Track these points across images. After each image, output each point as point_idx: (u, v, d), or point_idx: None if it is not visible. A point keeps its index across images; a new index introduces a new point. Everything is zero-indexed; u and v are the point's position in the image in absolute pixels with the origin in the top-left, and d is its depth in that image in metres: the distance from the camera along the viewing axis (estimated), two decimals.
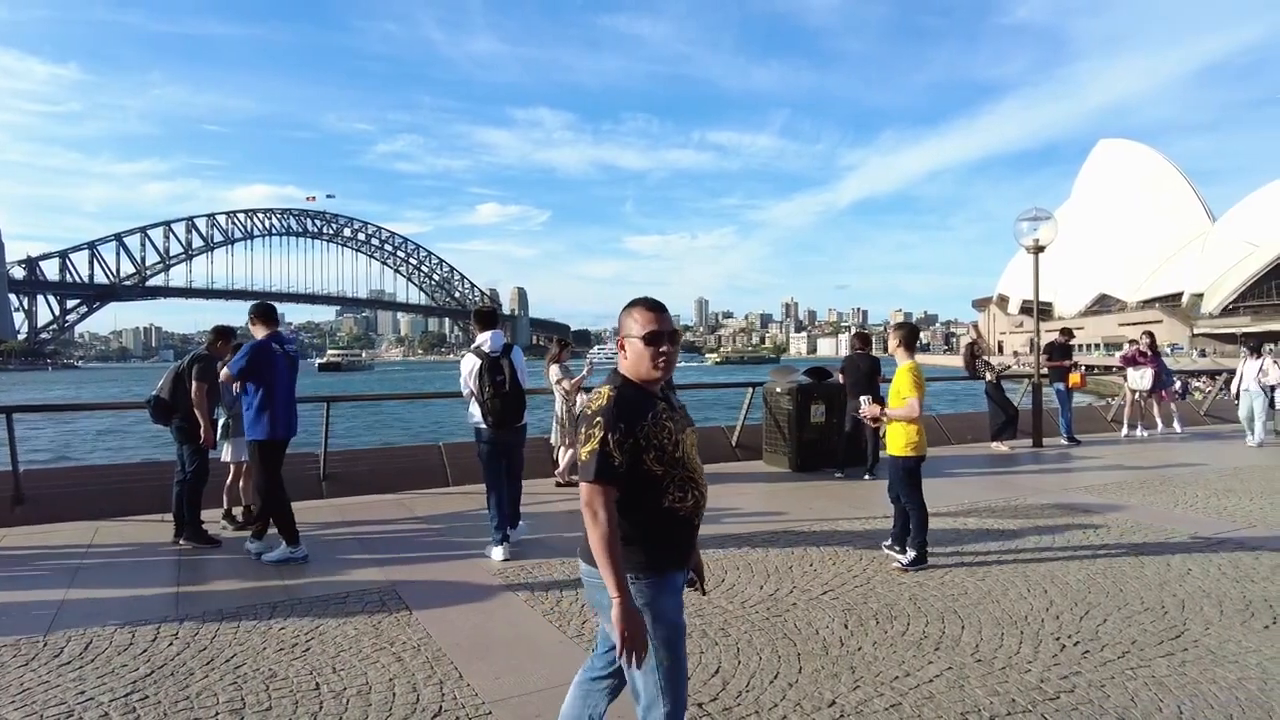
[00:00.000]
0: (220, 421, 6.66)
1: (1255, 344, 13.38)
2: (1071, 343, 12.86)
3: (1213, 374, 23.55)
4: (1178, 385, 15.05)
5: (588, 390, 8.84)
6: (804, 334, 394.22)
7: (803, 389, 9.55)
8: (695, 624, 4.26)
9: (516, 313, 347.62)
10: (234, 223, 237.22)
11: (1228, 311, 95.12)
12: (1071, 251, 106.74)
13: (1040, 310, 12.98)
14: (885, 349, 6.34)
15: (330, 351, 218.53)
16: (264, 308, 5.97)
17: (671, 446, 2.19)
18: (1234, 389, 13.12)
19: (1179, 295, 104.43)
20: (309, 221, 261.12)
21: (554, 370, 8.64)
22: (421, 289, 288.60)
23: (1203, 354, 73.48)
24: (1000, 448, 11.25)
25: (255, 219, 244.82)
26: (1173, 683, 3.48)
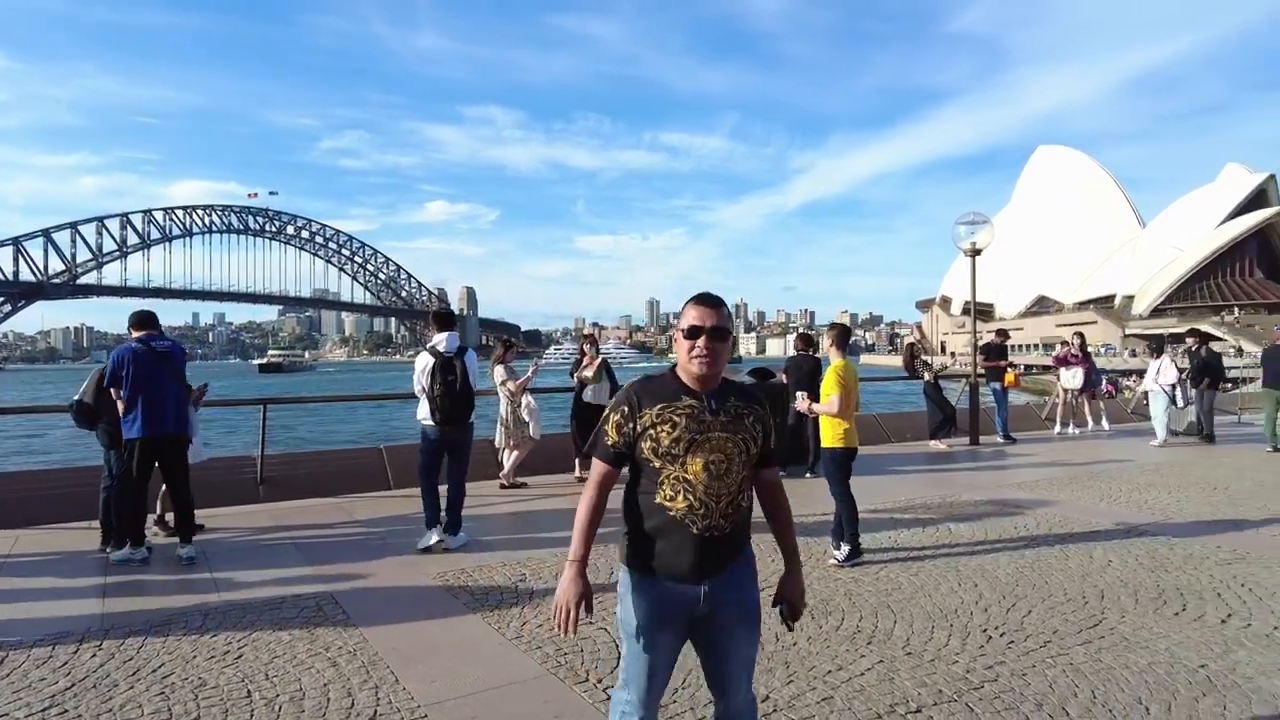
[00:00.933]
0: None
1: (1157, 345, 13.49)
2: (1008, 343, 13.26)
3: (1141, 373, 24.53)
4: (1105, 385, 15.53)
5: (533, 392, 8.83)
6: (753, 334, 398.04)
7: (742, 389, 9.66)
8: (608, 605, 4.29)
9: (465, 312, 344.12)
10: (172, 219, 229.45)
11: (1157, 313, 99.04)
12: (1012, 254, 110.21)
13: (981, 311, 13.40)
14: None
15: (271, 352, 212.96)
16: (136, 316, 6.02)
17: (669, 442, 2.13)
18: (1140, 390, 13.44)
19: (1112, 297, 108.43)
20: (251, 219, 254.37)
21: (498, 371, 8.59)
22: (367, 288, 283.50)
23: (1133, 354, 76.31)
24: (938, 446, 11.55)
25: (195, 215, 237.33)
26: (1088, 669, 3.63)
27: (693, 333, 2.18)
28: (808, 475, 9.04)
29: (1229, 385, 20.86)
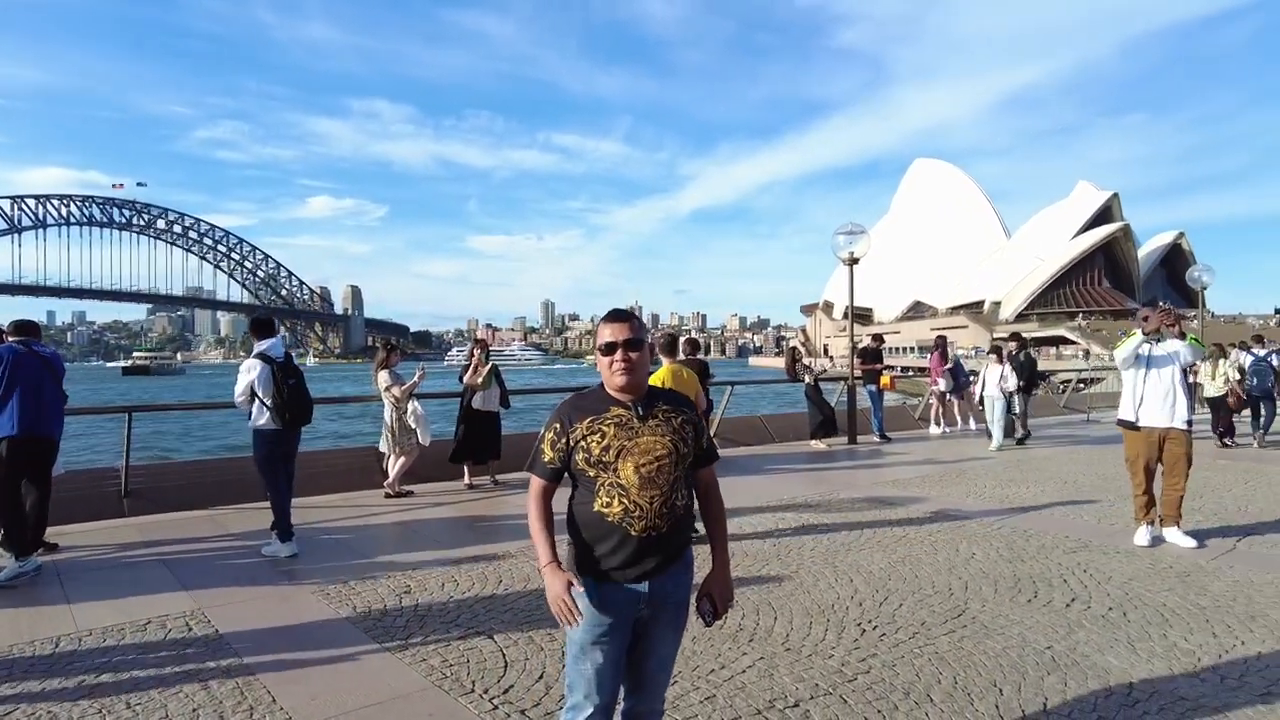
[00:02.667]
0: None
1: (995, 350, 12.82)
2: (883, 347, 13.92)
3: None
4: (973, 385, 16.48)
5: (420, 398, 8.63)
6: (648, 338, 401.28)
7: None
8: (521, 628, 4.28)
9: (350, 312, 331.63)
10: (22, 208, 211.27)
11: (1021, 317, 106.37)
12: (890, 261, 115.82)
13: (861, 316, 14.08)
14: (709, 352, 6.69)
15: (137, 353, 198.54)
16: (15, 324, 5.96)
17: (599, 450, 2.25)
18: (977, 394, 12.93)
19: (981, 303, 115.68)
20: (116, 211, 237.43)
21: (382, 376, 8.36)
22: (245, 286, 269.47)
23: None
24: (818, 445, 12.02)
25: (49, 205, 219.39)
26: (951, 657, 3.88)
27: (609, 349, 2.32)
28: None
29: (1082, 386, 22.63)
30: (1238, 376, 12.76)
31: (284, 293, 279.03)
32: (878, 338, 14.05)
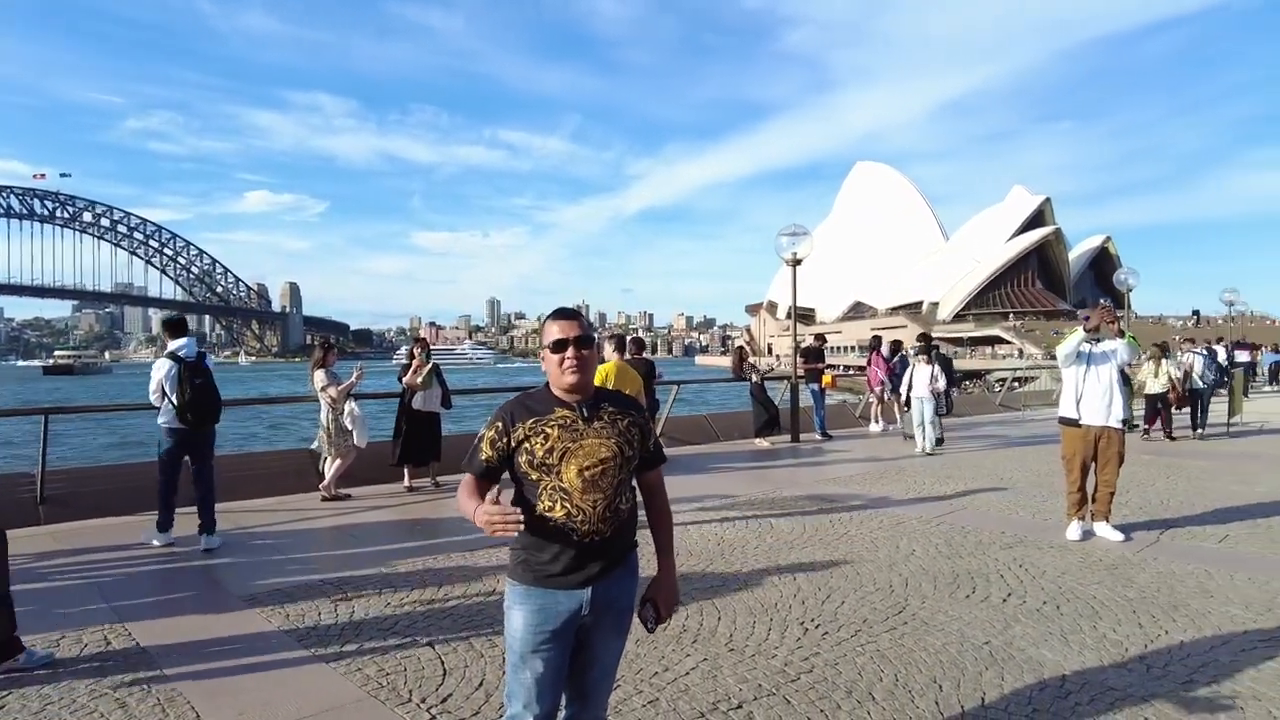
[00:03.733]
0: None
1: (925, 348, 12.06)
2: (825, 347, 14.11)
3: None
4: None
5: (358, 398, 8.40)
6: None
7: None
8: (461, 635, 4.18)
9: (289, 310, 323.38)
10: None
11: (958, 318, 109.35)
12: (832, 262, 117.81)
13: (803, 315, 14.23)
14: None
15: (58, 352, 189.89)
16: None
17: (542, 453, 2.18)
18: (904, 396, 12.09)
19: (920, 303, 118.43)
20: (37, 202, 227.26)
21: (319, 376, 8.11)
22: (178, 282, 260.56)
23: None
24: (762, 443, 12.12)
25: None
26: (892, 654, 3.91)
27: (558, 346, 2.24)
28: None
29: (1017, 384, 23.32)
30: (1180, 374, 13.32)
31: (219, 289, 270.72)
32: (820, 337, 14.28)
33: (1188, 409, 13.63)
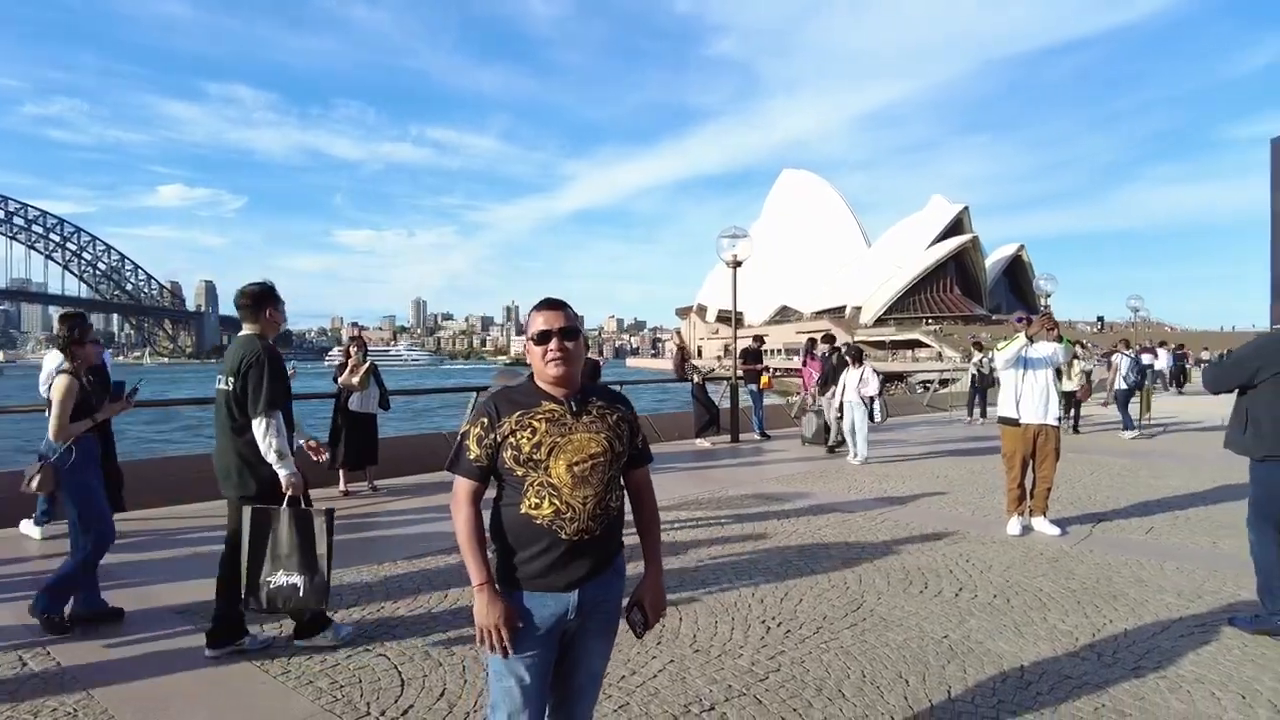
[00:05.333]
0: None
1: (855, 352, 11.49)
2: (763, 348, 14.27)
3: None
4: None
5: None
6: (524, 337, 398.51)
7: None
8: (416, 643, 4.02)
9: (204, 309, 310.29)
10: None
11: (880, 322, 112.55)
12: (760, 267, 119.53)
13: (735, 318, 14.26)
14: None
15: None
16: None
17: (530, 448, 2.08)
18: (836, 401, 11.40)
19: (844, 308, 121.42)
20: None
21: None
22: (83, 279, 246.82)
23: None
24: (703, 444, 12.17)
25: None
26: (856, 650, 3.93)
27: (543, 337, 2.17)
28: None
29: (940, 386, 24.10)
30: (1089, 370, 14.22)
31: (129, 287, 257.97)
32: (758, 339, 14.40)
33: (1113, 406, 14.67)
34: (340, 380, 8.44)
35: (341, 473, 8.35)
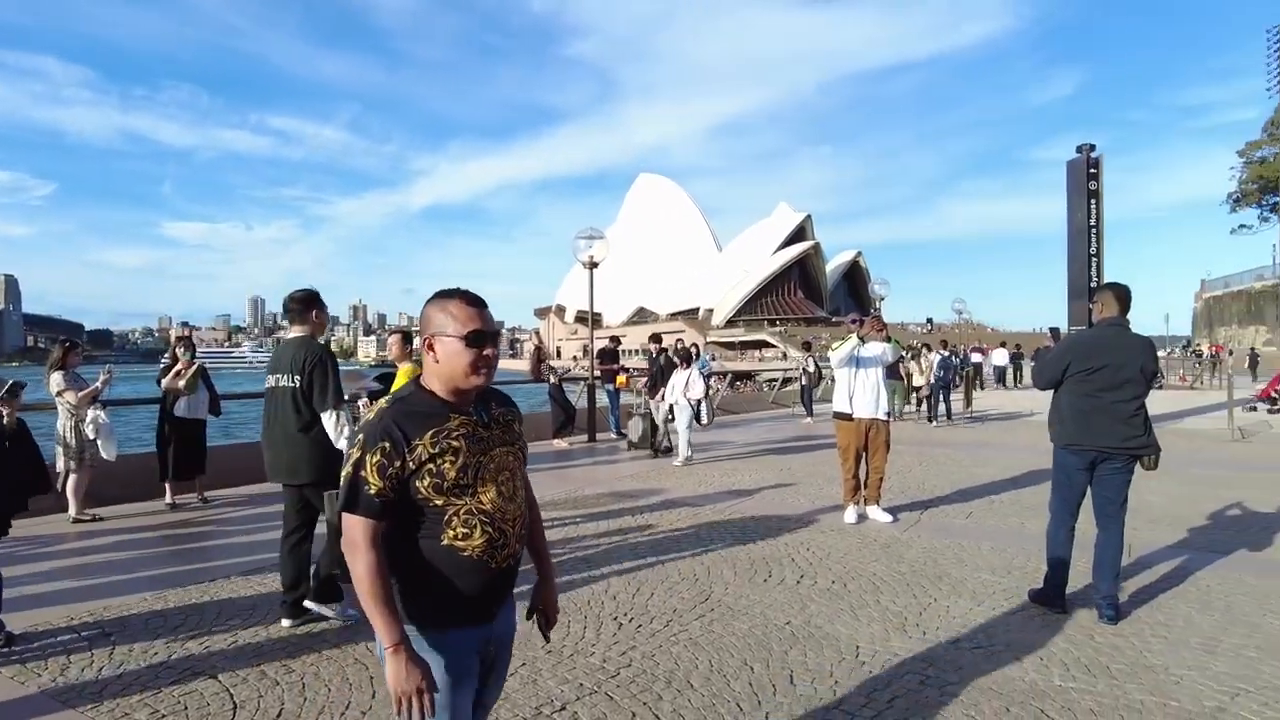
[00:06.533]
0: None
1: (685, 354, 11.19)
2: (620, 349, 14.42)
3: (720, 374, 28.44)
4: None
5: (105, 405, 7.35)
6: (373, 338, 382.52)
7: (374, 395, 9.14)
8: (250, 664, 3.75)
9: (5, 307, 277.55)
10: None
11: (730, 323, 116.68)
12: (617, 269, 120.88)
13: (592, 319, 14.33)
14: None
15: None
16: None
17: (455, 473, 1.79)
18: (665, 403, 11.04)
19: (697, 309, 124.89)
20: None
21: (55, 379, 6.99)
22: None
23: (713, 358, 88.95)
24: (561, 444, 12.15)
25: None
26: (704, 641, 4.04)
27: (477, 339, 1.84)
28: None
29: (787, 384, 25.20)
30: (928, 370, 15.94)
31: None
32: (615, 339, 14.53)
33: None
34: (165, 384, 7.78)
35: (168, 484, 7.69)
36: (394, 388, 5.98)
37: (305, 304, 4.45)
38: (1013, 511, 7.24)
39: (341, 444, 4.22)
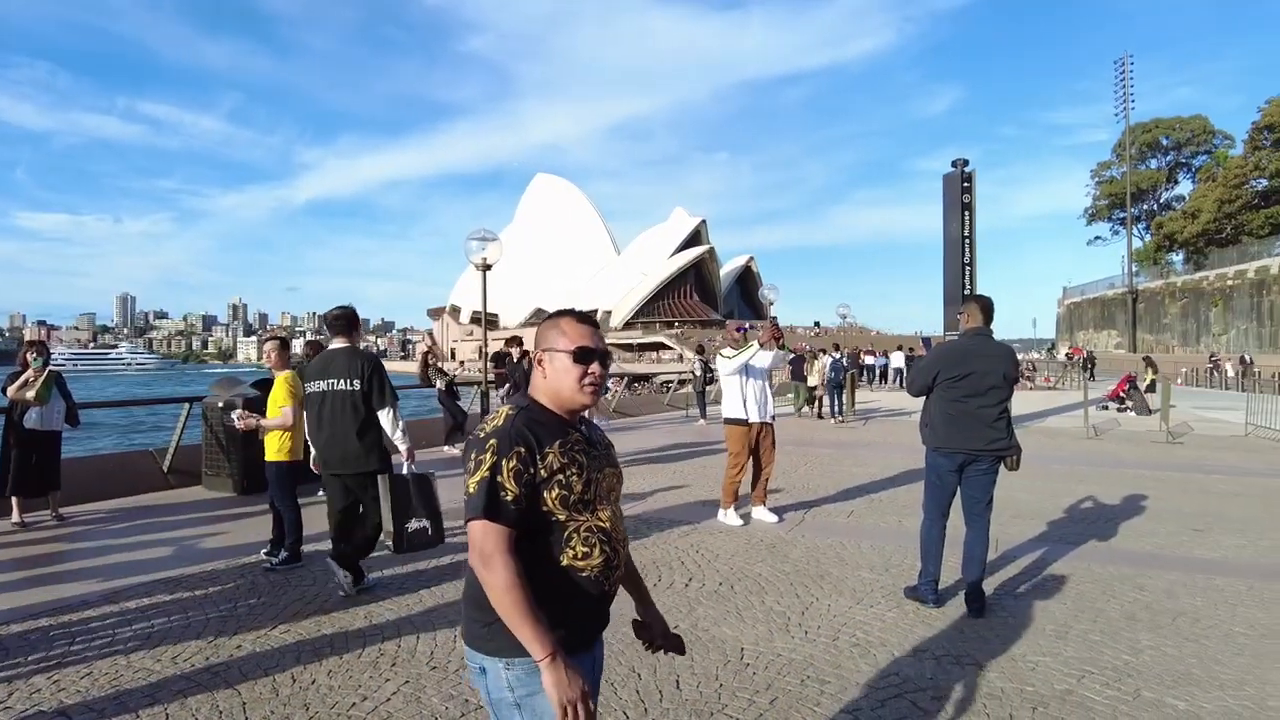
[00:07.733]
0: None
1: (496, 357, 11.22)
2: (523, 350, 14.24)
3: (619, 376, 28.59)
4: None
5: None
6: (253, 338, 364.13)
7: (250, 402, 8.69)
8: (113, 699, 3.49)
9: None
10: None
11: (628, 326, 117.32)
12: (514, 269, 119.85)
13: (488, 320, 14.10)
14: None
15: None
16: None
17: (581, 486, 1.74)
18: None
19: (596, 311, 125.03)
20: None
21: None
22: None
23: (612, 359, 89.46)
24: (452, 451, 11.90)
25: None
26: (622, 649, 4.03)
27: (585, 356, 1.83)
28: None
29: (680, 386, 25.55)
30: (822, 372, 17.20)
31: None
32: (517, 340, 14.31)
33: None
34: (10, 393, 7.14)
35: (15, 502, 7.06)
36: (272, 396, 5.78)
37: (350, 321, 5.29)
38: (891, 510, 7.58)
39: (397, 436, 5.15)
